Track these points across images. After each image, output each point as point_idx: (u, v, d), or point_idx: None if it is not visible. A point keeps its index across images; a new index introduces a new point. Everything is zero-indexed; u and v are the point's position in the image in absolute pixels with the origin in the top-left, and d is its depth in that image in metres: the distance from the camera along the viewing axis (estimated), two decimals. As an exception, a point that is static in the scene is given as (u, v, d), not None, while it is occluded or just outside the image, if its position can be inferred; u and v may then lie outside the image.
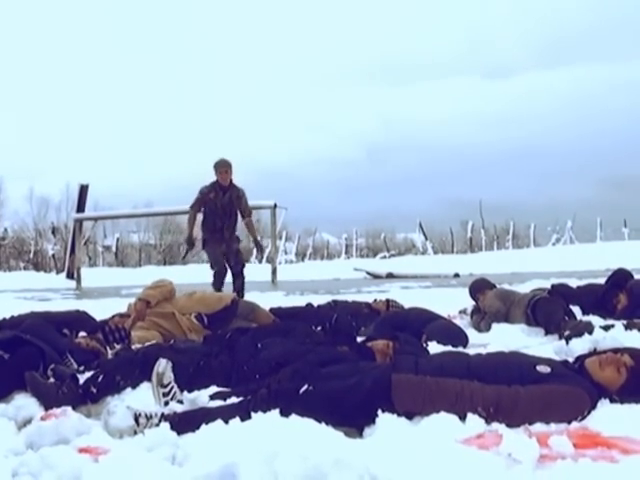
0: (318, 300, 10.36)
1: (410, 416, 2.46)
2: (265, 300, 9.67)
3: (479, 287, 6.18)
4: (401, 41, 67.28)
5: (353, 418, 2.48)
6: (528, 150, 53.52)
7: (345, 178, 56.50)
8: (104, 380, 3.20)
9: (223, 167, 8.40)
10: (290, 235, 40.38)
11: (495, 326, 5.57)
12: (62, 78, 61.44)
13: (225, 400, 2.80)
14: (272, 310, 6.19)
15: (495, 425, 2.30)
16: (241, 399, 2.66)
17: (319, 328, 5.61)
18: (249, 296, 10.42)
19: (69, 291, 17.39)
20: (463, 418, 2.35)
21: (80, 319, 4.87)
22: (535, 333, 5.36)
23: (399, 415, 2.43)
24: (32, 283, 20.67)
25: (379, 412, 2.41)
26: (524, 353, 2.93)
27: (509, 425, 2.34)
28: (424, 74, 70.51)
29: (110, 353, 4.33)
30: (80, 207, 21.92)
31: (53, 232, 38.85)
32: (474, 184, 49.85)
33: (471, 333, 5.25)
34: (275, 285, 18.26)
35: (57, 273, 27.45)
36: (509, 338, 5.08)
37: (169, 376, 2.92)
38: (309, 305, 6.47)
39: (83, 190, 21.84)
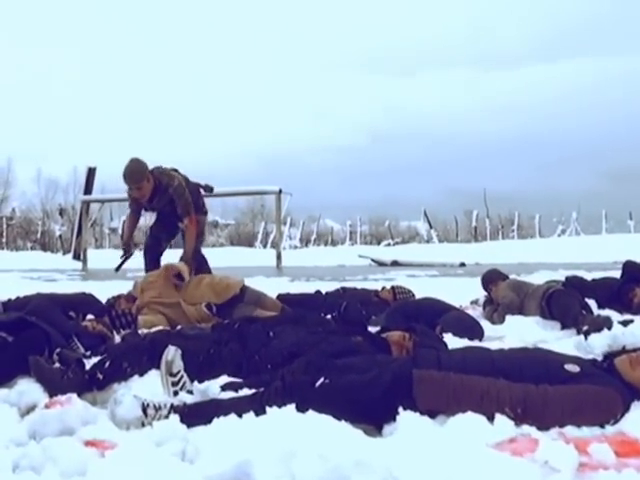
0: (324, 287, 10.25)
1: (432, 414, 2.33)
2: (270, 286, 9.56)
3: (491, 278, 6.05)
4: (405, 30, 66.74)
5: (371, 414, 2.36)
6: (532, 140, 53.24)
7: (349, 165, 56.40)
8: (111, 366, 3.09)
9: (132, 183, 6.37)
10: (294, 221, 40.27)
11: (509, 318, 5.44)
12: (72, 62, 61.24)
13: (237, 391, 2.68)
14: (280, 296, 6.08)
15: (526, 428, 2.17)
16: (254, 391, 2.54)
17: (329, 316, 5.52)
18: (254, 281, 10.30)
19: (75, 272, 17.33)
20: (490, 419, 2.22)
21: (87, 302, 4.77)
22: (551, 326, 5.23)
23: (421, 413, 2.30)
24: (39, 263, 20.62)
25: (400, 409, 2.28)
26: (550, 350, 2.80)
27: (539, 428, 2.22)
28: (427, 63, 70.07)
29: (117, 337, 4.23)
30: (87, 189, 21.89)
31: (60, 213, 38.83)
32: (477, 173, 49.72)
33: (484, 325, 5.13)
34: (280, 270, 18.16)
35: (64, 254, 27.41)
36: (524, 331, 4.97)
37: (178, 364, 2.81)
38: (318, 292, 6.36)
39: (91, 173, 21.80)
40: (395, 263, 21.86)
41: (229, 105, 59.54)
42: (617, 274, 6.28)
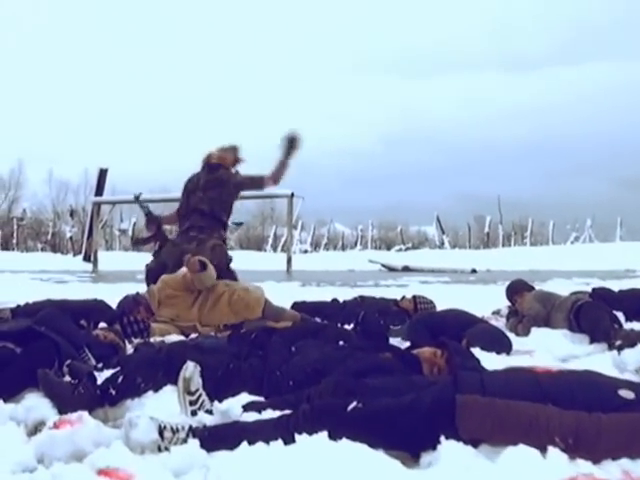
0: (335, 292, 10.13)
1: (475, 443, 2.13)
2: (281, 291, 9.42)
3: (517, 288, 5.84)
4: (422, 33, 66.61)
5: (410, 443, 2.16)
6: (547, 146, 52.90)
7: (360, 169, 56.23)
8: (124, 381, 2.90)
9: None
10: (304, 225, 40.13)
11: (535, 330, 5.25)
12: (83, 63, 61.40)
13: (260, 412, 2.49)
14: (296, 304, 5.90)
15: (582, 464, 1.96)
16: (280, 415, 2.35)
17: (346, 326, 5.34)
18: (265, 286, 10.16)
19: (85, 274, 17.24)
20: (541, 450, 2.02)
21: (98, 309, 4.59)
22: (579, 340, 5.02)
23: (464, 442, 2.10)
24: (49, 264, 20.58)
25: (441, 438, 2.09)
26: (601, 373, 2.59)
27: (594, 461, 2.02)
28: (444, 67, 69.79)
29: (129, 347, 4.05)
30: (99, 191, 21.81)
31: (71, 215, 38.84)
32: (490, 179, 49.46)
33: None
34: (290, 275, 18.06)
35: (74, 255, 27.37)
36: (552, 344, 4.78)
37: (197, 382, 2.62)
38: (335, 301, 6.17)
39: (102, 174, 21.73)
40: (406, 268, 21.72)
41: (242, 106, 59.54)
42: (633, 283, 6.08)
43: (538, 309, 5.43)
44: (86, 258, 21.55)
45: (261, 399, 2.81)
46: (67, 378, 3.10)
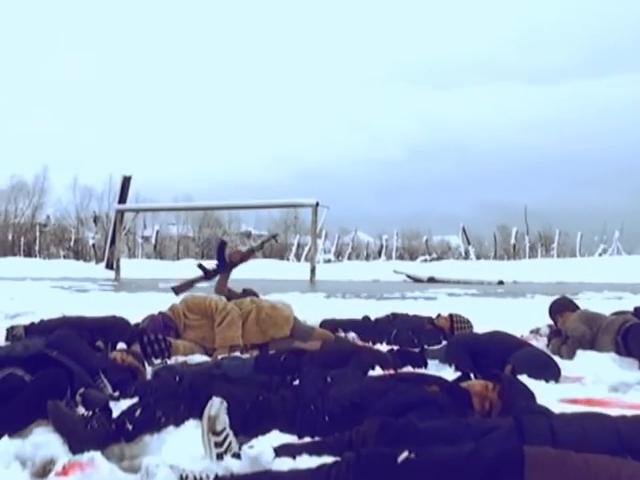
0: (361, 304, 9.82)
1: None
2: (306, 303, 9.13)
3: (560, 307, 5.48)
4: (446, 44, 66.04)
5: (471, 502, 1.85)
6: (573, 156, 52.06)
7: (383, 178, 55.68)
8: (142, 415, 2.62)
9: None
10: (327, 234, 39.84)
11: (580, 353, 4.91)
12: (110, 71, 61.88)
13: (294, 458, 2.19)
14: (326, 322, 5.60)
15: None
16: (319, 465, 2.05)
17: (378, 345, 5.03)
18: (288, 297, 9.88)
19: (107, 282, 17.09)
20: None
21: (117, 327, 4.32)
22: (629, 365, 4.69)
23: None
24: (71, 272, 20.49)
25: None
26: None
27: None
28: (468, 77, 69.19)
29: (149, 371, 3.77)
30: (122, 198, 21.73)
31: (95, 221, 38.93)
32: (515, 189, 48.71)
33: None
34: (314, 285, 17.75)
35: (96, 262, 27.34)
36: (600, 370, 4.46)
37: (223, 421, 2.32)
38: (366, 318, 5.85)
39: (126, 182, 21.65)
40: (431, 280, 21.31)
41: (266, 116, 59.44)
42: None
43: (583, 330, 5.08)
44: (108, 266, 21.44)
45: (294, 438, 2.52)
46: (80, 408, 2.83)
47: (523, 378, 3.72)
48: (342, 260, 37.46)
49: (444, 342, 5.36)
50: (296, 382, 3.13)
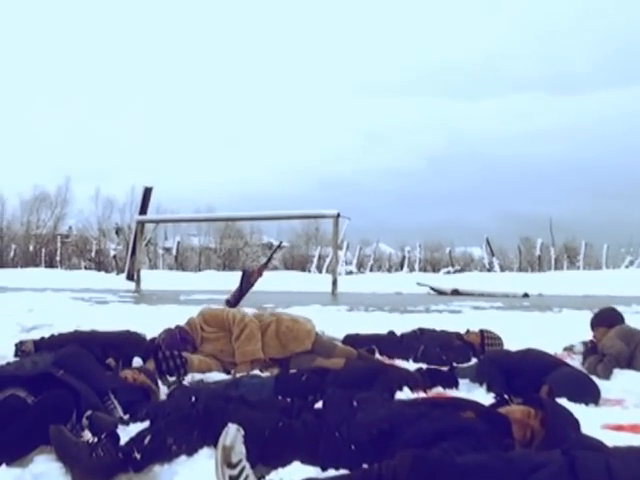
0: (385, 318, 9.57)
1: None
2: (328, 316, 8.90)
3: (599, 320, 5.17)
4: (469, 54, 65.45)
5: None
6: (597, 167, 51.22)
7: (405, 189, 55.38)
8: (152, 442, 2.40)
9: None
10: (349, 245, 39.58)
11: (617, 373, 4.63)
12: (132, 83, 62.29)
13: (318, 495, 1.97)
14: (349, 338, 5.37)
15: None
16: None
17: (405, 363, 4.79)
18: (309, 310, 9.66)
19: (128, 293, 17.00)
20: None
21: (130, 342, 4.12)
22: (670, 386, 4.39)
23: None
24: (92, 283, 20.44)
25: None
26: None
27: None
28: (491, 87, 68.63)
29: (163, 390, 3.57)
30: (143, 209, 21.70)
31: (117, 233, 39.06)
32: (537, 200, 48.03)
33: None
34: (336, 297, 17.52)
35: (117, 274, 27.32)
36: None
37: (239, 452, 2.10)
38: (391, 333, 5.60)
39: (147, 192, 21.63)
40: (455, 292, 20.96)
41: (288, 127, 59.44)
42: None
43: (620, 347, 4.81)
44: (129, 277, 21.38)
45: (317, 470, 2.30)
46: (87, 433, 2.62)
47: (561, 401, 3.47)
48: (364, 272, 37.15)
49: (473, 359, 5.11)
50: (319, 404, 2.91)
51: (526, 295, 19.47)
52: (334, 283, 19.45)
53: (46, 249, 38.75)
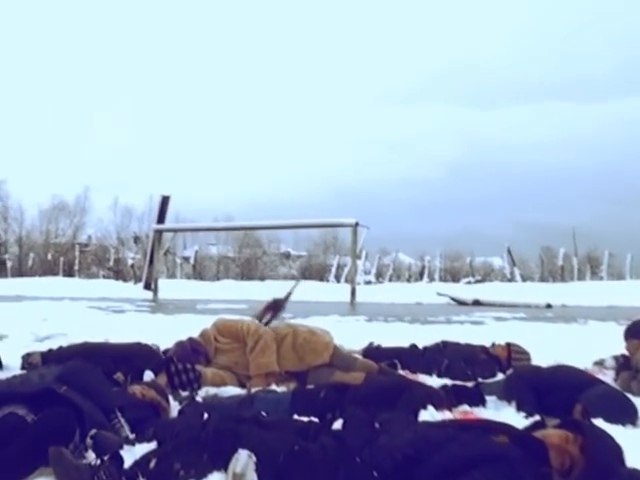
0: (405, 329, 9.33)
1: None
2: (347, 327, 8.71)
3: (633, 332, 4.90)
4: (487, 62, 65.16)
5: None
6: (620, 176, 50.45)
7: (424, 198, 55.04)
8: (158, 467, 2.23)
9: None
10: (367, 254, 39.32)
11: (653, 389, 4.36)
12: (150, 93, 62.78)
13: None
14: (370, 351, 5.17)
15: None
16: None
17: (428, 379, 4.58)
18: (328, 321, 9.48)
19: (145, 302, 16.92)
20: None
21: (142, 354, 3.95)
22: None
23: None
24: (109, 292, 20.40)
25: None
26: None
27: None
28: (510, 96, 68.05)
29: (174, 405, 3.39)
30: (160, 218, 21.64)
31: (135, 241, 39.16)
32: (558, 209, 47.49)
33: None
34: (354, 307, 17.32)
35: (135, 283, 27.30)
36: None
37: (251, 479, 1.92)
38: (413, 346, 5.38)
39: (164, 201, 21.58)
40: (476, 302, 20.64)
41: (306, 136, 59.43)
42: None
43: (655, 362, 4.55)
44: (147, 286, 21.32)
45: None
46: (90, 453, 2.45)
47: (597, 421, 3.24)
48: (383, 282, 36.87)
49: (499, 374, 4.89)
50: (338, 422, 2.71)
51: (549, 306, 19.12)
52: (353, 293, 19.25)
53: (65, 258, 38.92)
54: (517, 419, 3.49)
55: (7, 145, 49.23)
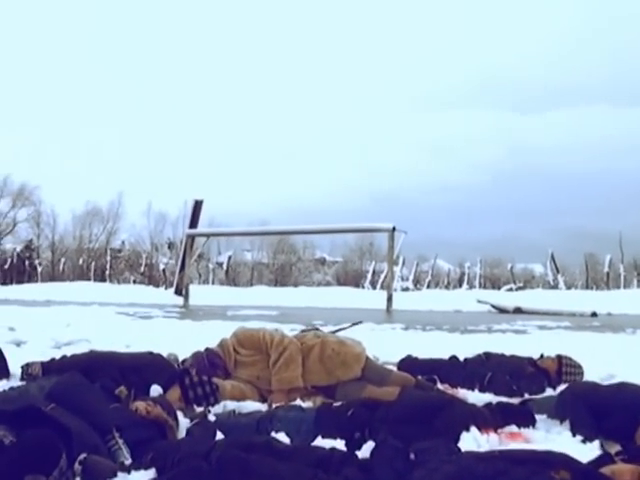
0: (444, 338, 8.88)
1: None
2: (382, 335, 8.30)
3: None
4: (532, 67, 64.03)
5: None
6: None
7: (463, 204, 54.06)
8: (150, 503, 1.87)
9: None
10: (405, 261, 38.76)
11: None
12: (185, 98, 63.08)
13: None
14: (406, 362, 4.76)
15: None
16: None
17: (469, 394, 4.16)
18: (363, 327, 9.07)
19: (174, 308, 16.74)
20: None
21: (152, 366, 3.58)
22: None
23: None
24: (140, 297, 20.30)
25: None
26: None
27: None
28: (556, 101, 66.85)
29: (184, 423, 3.03)
30: (193, 223, 21.49)
31: (169, 247, 39.26)
32: (602, 215, 46.27)
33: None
34: (391, 315, 16.91)
35: (166, 288, 27.23)
36: None
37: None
38: (453, 358, 4.94)
39: (197, 206, 21.43)
40: (518, 310, 20.03)
41: (343, 140, 59.08)
42: None
43: None
44: (177, 291, 21.16)
45: None
46: (78, 482, 2.11)
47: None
48: (421, 289, 36.25)
49: (548, 389, 4.44)
50: (366, 446, 2.32)
51: (594, 314, 18.43)
52: (389, 299, 18.80)
53: (97, 263, 39.20)
54: (573, 444, 3.07)
55: (41, 151, 50.07)
